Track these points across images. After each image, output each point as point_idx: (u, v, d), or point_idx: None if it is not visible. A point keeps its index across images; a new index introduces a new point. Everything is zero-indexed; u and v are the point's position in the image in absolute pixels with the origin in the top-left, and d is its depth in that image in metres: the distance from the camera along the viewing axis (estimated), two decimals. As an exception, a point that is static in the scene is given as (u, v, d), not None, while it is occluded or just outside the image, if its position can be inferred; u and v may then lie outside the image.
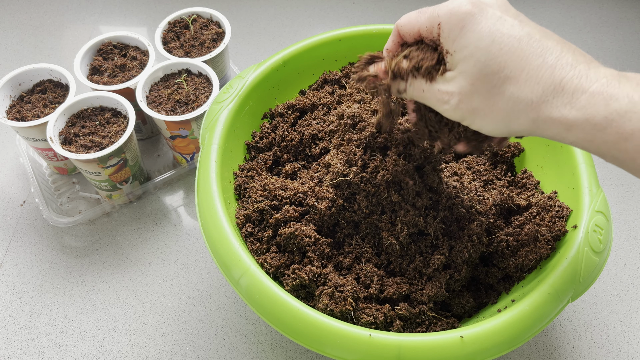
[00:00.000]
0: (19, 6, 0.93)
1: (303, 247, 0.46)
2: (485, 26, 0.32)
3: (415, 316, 0.44)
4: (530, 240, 0.46)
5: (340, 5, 0.94)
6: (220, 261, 0.43)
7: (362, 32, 0.60)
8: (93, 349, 0.55)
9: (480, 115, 0.34)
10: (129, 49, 0.68)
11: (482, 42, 0.32)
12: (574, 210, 0.47)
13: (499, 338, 0.39)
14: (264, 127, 0.58)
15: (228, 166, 0.52)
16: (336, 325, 0.39)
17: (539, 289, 0.41)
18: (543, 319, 0.40)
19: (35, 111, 0.61)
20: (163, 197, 0.68)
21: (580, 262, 0.42)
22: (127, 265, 0.62)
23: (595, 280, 0.43)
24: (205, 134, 0.52)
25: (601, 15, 0.93)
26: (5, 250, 0.63)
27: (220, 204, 0.46)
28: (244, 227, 0.49)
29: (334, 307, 0.42)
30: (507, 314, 0.40)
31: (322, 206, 0.47)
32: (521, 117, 0.32)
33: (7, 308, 0.58)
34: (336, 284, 0.44)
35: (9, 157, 0.72)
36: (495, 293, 0.48)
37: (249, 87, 0.55)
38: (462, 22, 0.33)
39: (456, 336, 0.38)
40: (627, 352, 0.55)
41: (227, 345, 0.56)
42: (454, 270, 0.46)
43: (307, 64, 0.61)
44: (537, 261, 0.46)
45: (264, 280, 0.41)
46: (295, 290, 0.45)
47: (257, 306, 0.41)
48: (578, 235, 0.43)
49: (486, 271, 0.48)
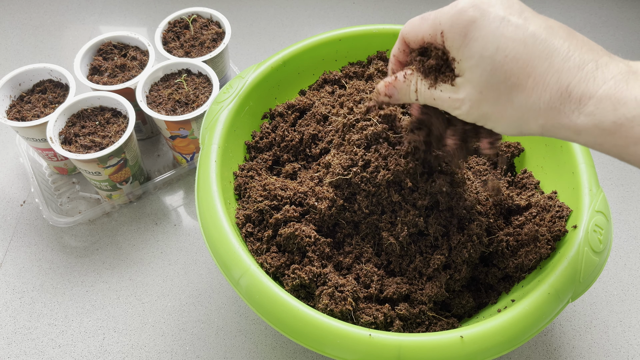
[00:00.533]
0: (19, 6, 0.93)
1: (303, 247, 0.46)
2: (488, 32, 0.31)
3: (415, 316, 0.44)
4: (530, 240, 0.46)
5: (340, 5, 0.94)
6: (220, 261, 0.43)
7: (362, 32, 0.60)
8: (93, 349, 0.55)
9: (492, 120, 0.34)
10: (129, 49, 0.68)
11: (486, 51, 0.31)
12: (574, 210, 0.47)
13: (499, 338, 0.39)
14: (264, 127, 0.58)
15: (228, 166, 0.52)
16: (336, 325, 0.39)
17: (539, 288, 0.41)
18: (543, 319, 0.40)
19: (35, 111, 0.61)
20: (163, 197, 0.68)
21: (581, 262, 0.42)
22: (127, 265, 0.62)
23: (595, 280, 0.43)
24: (205, 134, 0.52)
25: (601, 15, 0.93)
26: (5, 250, 0.63)
27: (220, 204, 0.46)
28: (244, 227, 0.48)
29: (334, 307, 0.42)
30: (507, 314, 0.40)
31: (322, 206, 0.47)
32: (531, 123, 0.32)
33: (7, 308, 0.58)
34: (336, 284, 0.44)
35: (9, 157, 0.72)
36: (495, 293, 0.48)
37: (249, 87, 0.55)
38: (465, 29, 0.32)
39: (456, 336, 0.38)
40: (627, 352, 0.56)
41: (227, 345, 0.56)
42: (454, 270, 0.46)
43: (307, 64, 0.61)
44: (537, 261, 0.46)
45: (264, 281, 0.41)
46: (295, 290, 0.45)
47: (257, 306, 0.41)
48: (578, 235, 0.43)
49: (486, 271, 0.48)
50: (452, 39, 0.33)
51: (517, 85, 0.31)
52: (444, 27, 0.33)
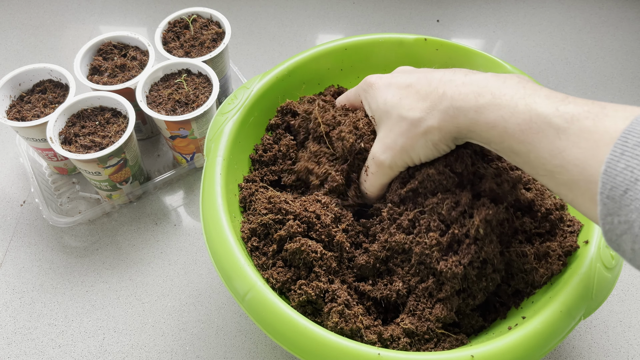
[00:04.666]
0: (19, 6, 0.93)
1: (309, 262, 0.45)
2: (380, 91, 0.46)
3: (423, 332, 0.43)
4: (541, 256, 0.45)
5: (340, 5, 0.94)
6: (225, 277, 0.43)
7: (367, 41, 0.60)
8: (93, 349, 0.55)
9: (410, 149, 0.43)
10: (129, 49, 0.68)
11: (381, 103, 0.46)
12: (585, 225, 0.46)
13: (510, 357, 0.38)
14: (265, 140, 0.56)
15: (233, 178, 0.51)
16: (344, 343, 0.38)
17: (551, 306, 0.40)
18: (555, 337, 0.39)
19: (35, 111, 0.61)
20: (163, 197, 0.68)
21: (593, 278, 0.41)
22: (127, 265, 0.62)
23: (608, 296, 0.42)
24: (210, 145, 0.51)
25: (601, 15, 0.93)
26: (5, 250, 0.63)
27: (225, 219, 0.45)
28: (249, 241, 0.47)
29: (344, 325, 0.41)
30: (519, 332, 0.39)
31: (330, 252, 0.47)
32: (433, 138, 0.41)
33: (7, 308, 0.58)
34: (346, 301, 0.43)
35: (9, 157, 0.72)
36: (505, 308, 0.47)
37: (254, 98, 0.55)
38: (367, 92, 0.48)
39: (467, 355, 0.37)
40: (627, 352, 0.56)
41: (227, 345, 0.56)
42: (467, 294, 0.45)
43: (313, 73, 0.60)
44: (549, 277, 0.45)
45: (271, 298, 0.40)
46: (302, 306, 0.44)
47: (263, 323, 0.40)
48: (590, 250, 0.42)
49: (496, 288, 0.47)
50: (364, 99, 0.49)
51: (408, 111, 0.42)
52: (359, 92, 0.51)
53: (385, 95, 0.45)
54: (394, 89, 0.44)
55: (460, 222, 0.43)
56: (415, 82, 0.42)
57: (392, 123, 0.43)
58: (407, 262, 0.46)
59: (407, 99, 0.42)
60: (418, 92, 0.41)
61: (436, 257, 0.43)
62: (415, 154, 0.43)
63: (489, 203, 0.43)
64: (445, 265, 0.42)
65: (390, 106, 0.44)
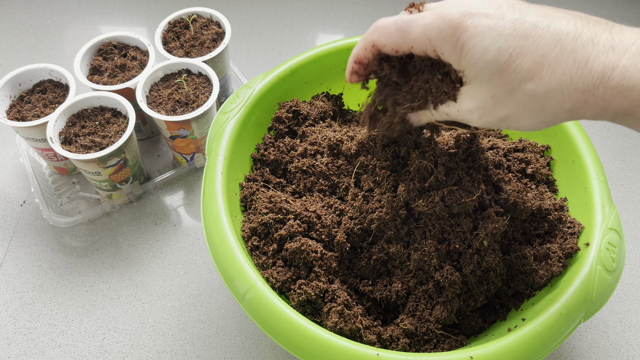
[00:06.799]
0: (19, 6, 0.93)
1: (309, 262, 0.45)
2: (484, 37, 0.30)
3: (422, 333, 0.43)
4: (541, 257, 0.45)
5: (340, 5, 0.94)
6: (225, 276, 0.43)
7: None
8: (93, 349, 0.55)
9: (512, 120, 0.32)
10: (129, 49, 0.68)
11: (488, 55, 0.30)
12: (586, 227, 0.46)
13: (509, 358, 0.38)
14: (266, 139, 0.57)
15: (234, 177, 0.51)
16: (343, 344, 0.38)
17: (551, 308, 0.40)
18: (555, 339, 0.39)
19: (35, 111, 0.61)
20: (163, 197, 0.68)
21: (593, 281, 0.41)
22: (127, 265, 0.62)
23: (608, 299, 0.42)
24: (212, 144, 0.51)
25: (601, 15, 0.92)
26: (5, 250, 0.63)
27: (226, 218, 0.45)
28: (249, 241, 0.47)
29: (344, 326, 0.42)
30: (518, 334, 0.39)
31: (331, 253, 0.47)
32: (556, 110, 0.30)
33: (7, 308, 0.58)
34: (345, 301, 0.43)
35: (9, 157, 0.72)
36: (504, 309, 0.47)
37: (256, 97, 0.55)
38: (458, 41, 0.30)
39: (466, 356, 0.37)
40: (627, 352, 0.56)
41: (227, 345, 0.56)
42: (468, 296, 0.45)
43: (315, 73, 0.60)
44: (549, 279, 0.45)
45: (270, 297, 0.40)
46: (301, 305, 0.44)
47: (262, 322, 0.40)
48: (590, 253, 0.42)
49: (497, 290, 0.47)
50: (448, 52, 0.31)
51: (532, 77, 0.29)
52: (434, 43, 0.31)
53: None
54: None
55: (461, 237, 0.44)
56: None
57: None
58: (405, 268, 0.46)
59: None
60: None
61: (434, 264, 0.43)
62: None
63: (495, 216, 0.43)
64: (440, 275, 0.43)
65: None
